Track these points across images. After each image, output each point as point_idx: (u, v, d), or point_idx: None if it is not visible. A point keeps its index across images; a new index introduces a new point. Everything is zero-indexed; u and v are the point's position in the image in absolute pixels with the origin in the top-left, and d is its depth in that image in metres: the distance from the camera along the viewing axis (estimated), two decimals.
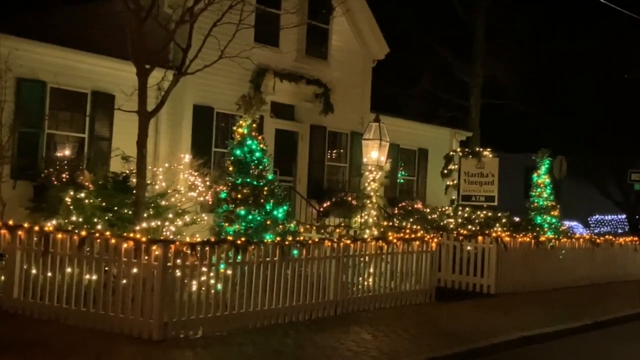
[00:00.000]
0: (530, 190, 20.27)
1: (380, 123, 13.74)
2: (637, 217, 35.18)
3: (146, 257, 9.13)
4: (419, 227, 16.50)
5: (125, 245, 9.38)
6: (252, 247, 10.25)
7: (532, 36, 27.00)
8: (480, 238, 15.34)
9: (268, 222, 11.99)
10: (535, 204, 19.85)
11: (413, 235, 13.40)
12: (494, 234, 15.39)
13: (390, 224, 16.97)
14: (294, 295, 10.79)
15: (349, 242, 11.85)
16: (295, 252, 10.92)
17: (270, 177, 12.45)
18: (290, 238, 11.34)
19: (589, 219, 40.80)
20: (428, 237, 13.47)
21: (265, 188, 12.22)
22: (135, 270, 9.24)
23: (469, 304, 13.53)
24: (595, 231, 38.89)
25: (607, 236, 20.11)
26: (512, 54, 25.61)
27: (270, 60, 16.96)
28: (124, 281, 9.27)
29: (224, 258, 9.87)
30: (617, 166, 33.69)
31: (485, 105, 27.87)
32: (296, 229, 12.76)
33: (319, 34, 18.56)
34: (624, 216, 36.88)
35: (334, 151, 19.35)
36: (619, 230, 38.47)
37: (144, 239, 9.27)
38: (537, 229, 18.47)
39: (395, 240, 12.71)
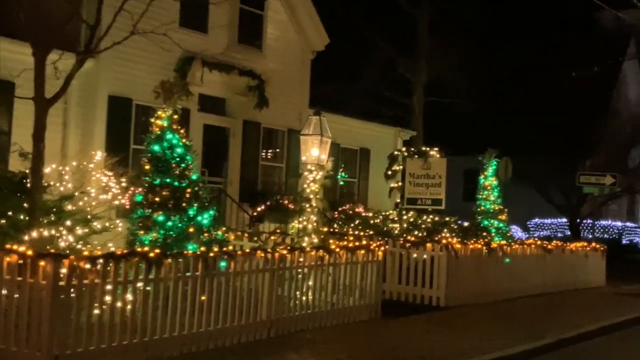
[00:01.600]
0: (477, 193, 19.03)
1: (321, 117, 12.21)
2: (578, 220, 34.63)
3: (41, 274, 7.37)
4: (363, 234, 15.07)
5: (8, 259, 7.59)
6: (169, 260, 8.58)
7: (478, 33, 25.95)
8: (429, 245, 13.98)
9: (191, 230, 10.31)
10: (483, 208, 18.65)
11: (358, 243, 11.92)
12: (444, 241, 14.05)
13: (331, 230, 15.50)
14: (219, 316, 9.18)
15: (285, 252, 10.29)
16: (222, 264, 9.32)
17: (194, 177, 10.76)
18: (216, 248, 9.69)
19: (528, 222, 40.32)
20: (374, 245, 12.00)
21: (188, 190, 10.53)
22: (20, 290, 7.47)
23: (418, 320, 12.12)
24: (535, 235, 38.39)
25: (556, 241, 19.02)
26: (457, 51, 24.47)
27: (198, 47, 15.25)
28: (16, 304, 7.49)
29: (134, 274, 8.18)
30: (559, 169, 33.11)
31: (430, 104, 26.77)
32: (224, 237, 11.12)
33: (253, 20, 16.93)
34: (564, 220, 36.34)
35: (270, 150, 17.75)
36: (559, 234, 38.02)
37: (29, 252, 7.49)
38: (489, 234, 17.25)
39: (338, 250, 11.21)
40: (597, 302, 16.10)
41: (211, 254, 9.19)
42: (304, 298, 10.65)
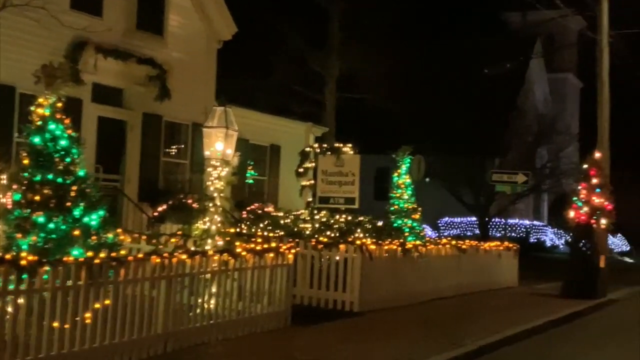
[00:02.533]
0: (390, 191, 18.32)
1: (227, 108, 11.17)
2: (487, 219, 34.77)
3: None
4: (273, 235, 14.12)
5: None
6: (46, 267, 7.39)
7: (391, 29, 25.47)
8: (342, 246, 13.17)
9: (76, 233, 9.06)
10: (396, 207, 17.95)
11: (266, 246, 10.96)
12: (357, 242, 13.26)
13: (238, 231, 14.47)
14: (107, 331, 8.03)
15: (184, 256, 9.22)
16: (111, 272, 8.18)
17: (81, 173, 9.50)
18: (103, 254, 8.52)
19: (438, 221, 40.37)
20: (284, 247, 11.07)
21: (74, 187, 9.27)
22: None
23: (331, 327, 11.27)
24: (445, 234, 38.46)
25: (469, 241, 18.57)
26: (370, 46, 23.85)
27: (91, 32, 13.92)
28: None
29: (1, 284, 6.96)
30: (469, 167, 33.14)
31: (342, 100, 26.10)
32: (116, 240, 9.92)
33: (154, 5, 15.75)
34: (474, 218, 36.47)
35: (173, 145, 16.56)
36: (468, 233, 38.19)
37: None
38: (403, 234, 16.58)
39: (244, 253, 10.22)
40: (513, 304, 15.72)
41: (97, 260, 8.04)
42: (206, 307, 9.61)
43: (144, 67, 14.98)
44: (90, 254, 8.46)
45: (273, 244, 11.03)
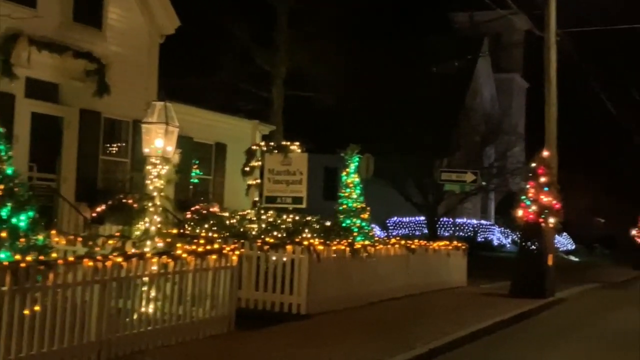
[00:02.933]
0: (339, 190, 17.96)
1: (167, 103, 10.64)
2: (435, 219, 34.77)
3: None
4: (217, 236, 13.62)
5: None
6: None
7: (340, 27, 25.15)
8: (289, 247, 12.75)
9: (3, 235, 8.47)
10: (345, 206, 17.60)
11: (209, 247, 10.47)
12: (305, 242, 12.86)
13: (181, 232, 13.93)
14: (34, 339, 7.46)
15: (120, 259, 8.68)
16: (39, 276, 7.61)
17: (9, 171, 8.89)
18: (31, 257, 7.94)
19: (387, 221, 40.28)
20: (228, 248, 10.60)
21: (1, 186, 8.68)
22: None
23: (277, 331, 10.84)
24: (394, 233, 38.38)
25: (418, 241, 18.34)
26: (318, 44, 23.48)
27: (24, 23, 13.24)
28: None
29: None
30: (417, 167, 33.08)
31: (290, 98, 25.67)
32: (47, 242, 9.31)
33: None
34: (422, 218, 36.45)
35: (113, 143, 15.89)
36: (417, 233, 38.21)
37: None
38: (351, 234, 16.25)
39: (185, 255, 9.72)
40: (462, 304, 15.53)
41: (23, 264, 7.46)
42: (143, 312, 9.09)
43: (81, 61, 14.31)
44: (18, 257, 7.88)
45: (216, 246, 10.55)
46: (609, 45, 40.71)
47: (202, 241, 11.13)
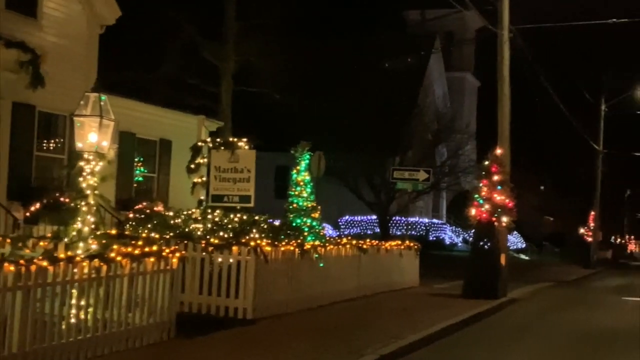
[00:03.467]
0: (289, 189, 17.35)
1: (101, 94, 9.91)
2: (387, 217, 34.45)
3: None
4: (159, 237, 12.90)
5: None
6: None
7: (290, 21, 24.57)
8: (235, 248, 12.14)
9: None
10: (295, 205, 17.01)
11: (147, 249, 9.78)
12: (251, 243, 12.25)
13: (121, 232, 13.17)
14: None
15: (45, 263, 7.95)
16: None
17: None
18: None
19: (339, 220, 39.88)
20: (167, 250, 9.93)
21: None
22: None
23: (221, 338, 10.22)
24: (345, 232, 37.96)
25: (370, 240, 17.88)
26: (268, 38, 22.85)
27: None
28: None
29: None
30: (369, 165, 32.72)
31: (241, 95, 24.99)
32: None
33: None
34: (374, 217, 36.11)
35: (48, 138, 15.01)
36: (369, 232, 37.89)
37: None
38: (302, 233, 15.67)
39: (119, 258, 9.03)
40: (414, 306, 15.11)
41: None
42: (73, 321, 8.38)
43: (14, 51, 13.42)
44: None
45: (154, 248, 9.86)
46: (560, 44, 41.01)
47: (140, 243, 10.42)
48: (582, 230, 64.83)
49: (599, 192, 44.66)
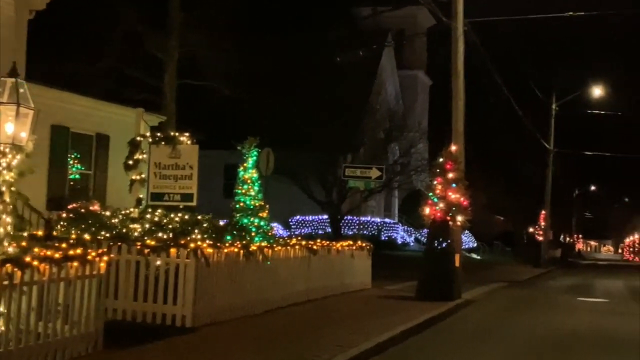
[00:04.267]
0: (235, 187, 16.40)
1: (19, 80, 8.86)
2: (339, 217, 33.73)
3: None
4: (89, 238, 11.89)
5: None
6: None
7: (239, 11, 23.61)
8: (173, 250, 11.20)
9: None
10: (242, 204, 16.07)
11: (71, 253, 8.77)
12: (191, 245, 11.31)
13: (48, 233, 12.10)
14: None
15: None
16: None
17: None
18: None
19: (290, 219, 39.06)
20: (93, 253, 8.94)
21: None
22: None
23: (154, 349, 9.27)
24: (296, 232, 37.17)
25: (321, 241, 17.04)
26: (215, 30, 21.85)
27: None
28: None
29: None
30: (321, 163, 31.96)
31: (188, 89, 23.94)
32: None
33: None
34: (326, 216, 35.37)
35: None
36: (320, 232, 37.17)
37: None
38: (249, 234, 14.76)
39: (37, 263, 8.02)
40: (367, 310, 14.35)
41: None
42: None
43: None
44: None
45: (79, 251, 8.85)
46: (513, 44, 40.87)
47: (64, 245, 9.40)
48: (531, 229, 65.39)
49: (550, 192, 44.74)
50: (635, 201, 75.90)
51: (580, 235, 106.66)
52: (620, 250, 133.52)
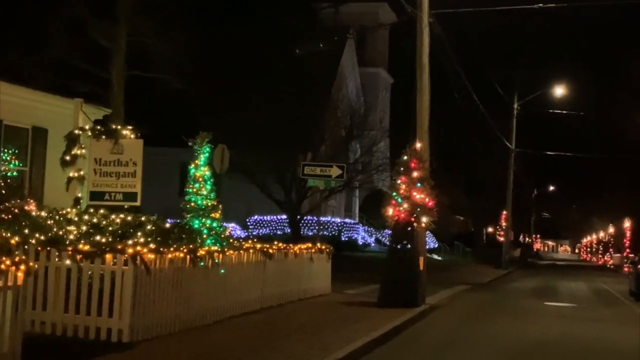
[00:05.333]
0: (186, 186, 15.17)
1: None
2: (299, 217, 32.64)
3: None
4: (15, 242, 10.60)
5: None
6: None
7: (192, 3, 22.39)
8: (109, 256, 9.99)
9: None
10: (193, 204, 14.84)
11: None
12: (130, 250, 10.11)
13: None
14: None
15: None
16: None
17: None
18: None
19: (247, 219, 37.91)
20: (7, 262, 7.70)
21: None
22: None
23: None
24: (254, 233, 36.02)
25: (278, 243, 15.90)
26: (166, 19, 20.52)
27: None
28: None
29: None
30: (279, 162, 30.84)
31: (139, 86, 22.55)
32: None
33: None
34: (285, 217, 34.25)
35: None
36: (279, 232, 36.10)
37: None
38: (200, 236, 13.58)
39: None
40: (326, 319, 13.27)
41: None
42: None
43: None
44: None
45: None
46: (475, 42, 40.29)
47: None
48: (490, 229, 65.18)
49: (511, 191, 44.27)
50: (592, 201, 76.26)
51: (538, 235, 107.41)
52: (577, 251, 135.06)
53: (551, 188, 78.75)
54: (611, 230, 68.96)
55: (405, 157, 16.18)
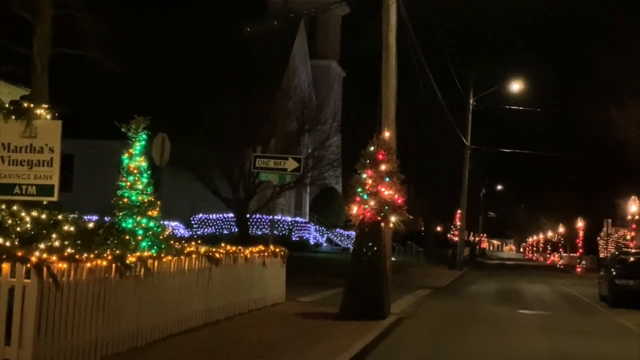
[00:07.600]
0: (118, 178, 12.79)
1: None
2: (247, 216, 30.47)
3: None
4: None
5: None
6: None
7: None
8: (5, 266, 7.73)
9: None
10: (126, 200, 12.48)
11: None
12: (34, 258, 7.85)
13: None
14: None
15: None
16: None
17: None
18: None
19: (191, 218, 35.63)
20: None
21: None
22: None
23: None
24: (199, 232, 33.81)
25: (226, 246, 13.67)
26: None
27: None
28: None
29: None
30: (226, 156, 28.66)
31: (67, 66, 20.20)
32: None
33: None
34: (232, 215, 32.04)
35: None
36: (225, 232, 33.97)
37: None
38: (134, 238, 11.32)
39: None
40: (280, 337, 11.16)
41: None
42: None
43: None
44: None
45: None
46: (433, 36, 38.67)
47: None
48: (439, 228, 63.96)
49: (467, 190, 42.85)
50: (541, 201, 75.90)
51: (484, 235, 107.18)
52: (522, 250, 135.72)
53: (499, 187, 78.28)
54: (561, 229, 68.40)
55: (372, 148, 14.19)
